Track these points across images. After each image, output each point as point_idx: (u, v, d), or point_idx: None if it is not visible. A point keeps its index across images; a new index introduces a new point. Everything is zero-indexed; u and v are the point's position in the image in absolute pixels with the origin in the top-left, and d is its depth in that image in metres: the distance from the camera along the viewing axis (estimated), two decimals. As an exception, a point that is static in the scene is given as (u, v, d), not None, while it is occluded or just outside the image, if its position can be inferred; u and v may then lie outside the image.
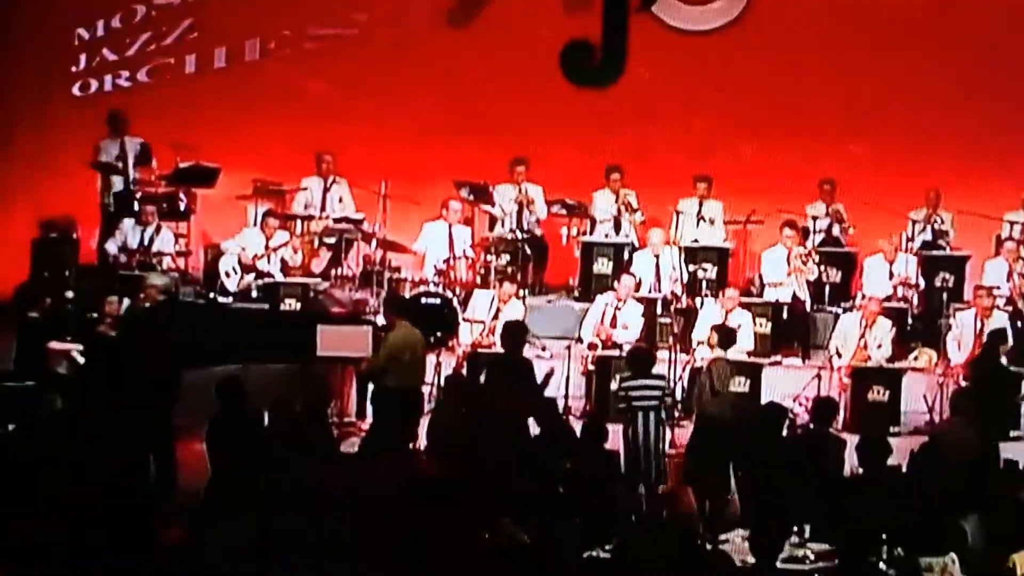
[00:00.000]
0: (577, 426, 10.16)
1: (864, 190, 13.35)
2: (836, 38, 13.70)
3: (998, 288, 12.27)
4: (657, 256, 12.76)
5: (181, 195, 13.23)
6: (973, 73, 13.54)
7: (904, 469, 9.50)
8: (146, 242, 12.74)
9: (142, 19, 14.25)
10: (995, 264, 12.69)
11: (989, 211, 13.08)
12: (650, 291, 12.62)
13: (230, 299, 12.51)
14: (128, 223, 12.84)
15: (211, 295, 12.60)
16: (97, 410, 9.60)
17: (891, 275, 12.70)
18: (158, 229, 12.82)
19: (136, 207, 12.95)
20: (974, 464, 9.37)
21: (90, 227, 13.30)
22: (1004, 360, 11.57)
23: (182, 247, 13.03)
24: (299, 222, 13.18)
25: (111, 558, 6.74)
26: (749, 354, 11.91)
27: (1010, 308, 12.29)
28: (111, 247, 12.82)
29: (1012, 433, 11.32)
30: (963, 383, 11.57)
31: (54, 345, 10.92)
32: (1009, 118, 13.52)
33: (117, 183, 13.22)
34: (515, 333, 10.92)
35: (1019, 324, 12.17)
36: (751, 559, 7.61)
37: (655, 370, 10.55)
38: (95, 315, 11.35)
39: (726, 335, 10.97)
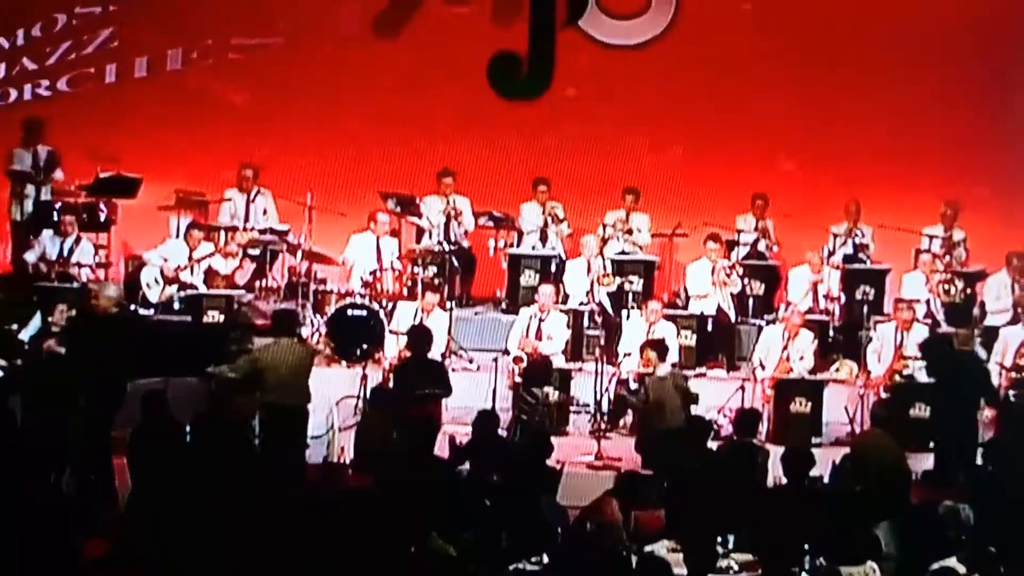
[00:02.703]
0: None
1: (786, 204, 13.51)
2: (761, 53, 13.86)
3: (918, 301, 12.47)
4: (589, 262, 12.81)
5: (101, 205, 13.05)
6: (893, 90, 13.76)
7: (826, 480, 9.61)
8: (65, 253, 12.54)
9: (62, 28, 14.05)
10: (913, 277, 12.90)
11: (909, 225, 13.29)
12: (585, 301, 12.64)
13: (151, 311, 12.35)
14: (47, 234, 12.64)
15: (132, 307, 12.42)
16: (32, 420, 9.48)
17: (816, 287, 12.86)
18: (78, 240, 12.62)
19: (55, 217, 12.74)
20: (893, 474, 9.50)
21: (7, 238, 13.06)
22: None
23: (102, 258, 12.84)
24: (223, 233, 13.05)
25: (34, 572, 6.62)
26: (674, 366, 11.98)
27: (929, 321, 12.49)
28: (30, 258, 12.60)
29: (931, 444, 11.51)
30: (883, 394, 11.76)
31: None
32: (928, 134, 13.76)
33: (30, 192, 13.01)
34: (419, 337, 10.90)
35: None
36: (677, 570, 7.64)
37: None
38: (14, 327, 11.14)
39: (661, 348, 11.05)
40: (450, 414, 11.10)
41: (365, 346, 11.98)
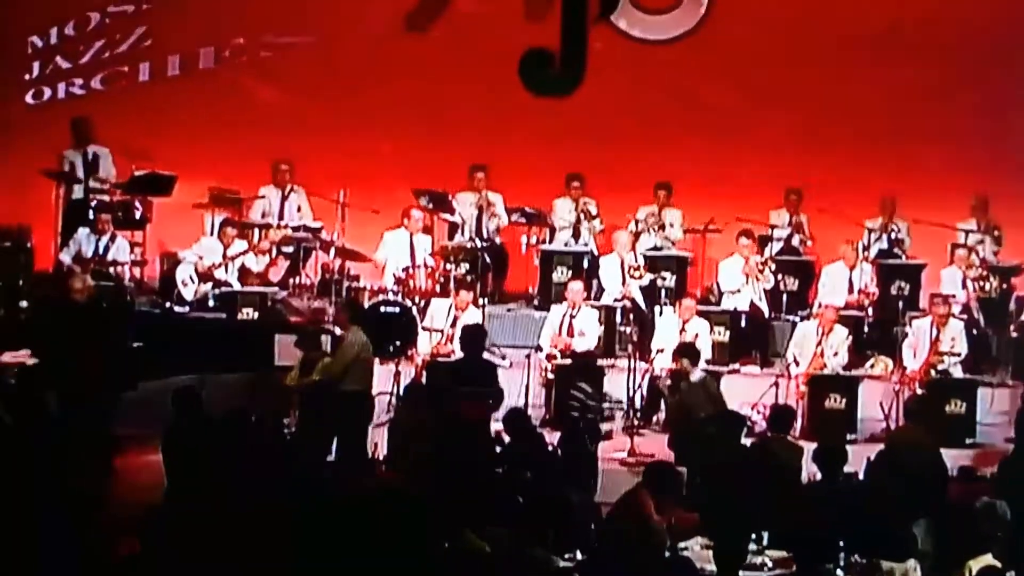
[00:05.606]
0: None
1: (820, 199, 13.44)
2: (793, 48, 13.79)
3: (953, 296, 12.38)
4: (623, 258, 12.78)
5: (136, 203, 13.14)
6: (926, 82, 13.67)
7: (861, 476, 9.56)
8: (101, 251, 12.63)
9: (96, 27, 14.14)
10: (951, 272, 12.81)
11: (945, 220, 13.19)
12: (619, 297, 12.61)
13: (187, 308, 12.42)
14: (83, 232, 12.73)
15: (167, 305, 12.50)
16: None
17: (851, 282, 12.78)
18: (113, 238, 12.71)
19: (91, 215, 12.84)
20: (929, 470, 9.43)
21: (45, 236, 13.17)
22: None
23: (138, 256, 12.93)
24: (257, 230, 13.11)
25: (65, 571, 6.67)
26: (707, 362, 11.94)
27: (965, 316, 12.40)
28: (65, 257, 12.71)
29: (967, 440, 11.44)
30: (919, 390, 11.69)
31: (6, 357, 10.78)
32: (964, 128, 13.65)
33: (77, 191, 13.13)
34: (473, 336, 10.91)
35: (974, 332, 12.30)
36: (710, 567, 7.62)
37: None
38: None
39: (692, 352, 11.00)
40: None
41: (398, 343, 12.01)
